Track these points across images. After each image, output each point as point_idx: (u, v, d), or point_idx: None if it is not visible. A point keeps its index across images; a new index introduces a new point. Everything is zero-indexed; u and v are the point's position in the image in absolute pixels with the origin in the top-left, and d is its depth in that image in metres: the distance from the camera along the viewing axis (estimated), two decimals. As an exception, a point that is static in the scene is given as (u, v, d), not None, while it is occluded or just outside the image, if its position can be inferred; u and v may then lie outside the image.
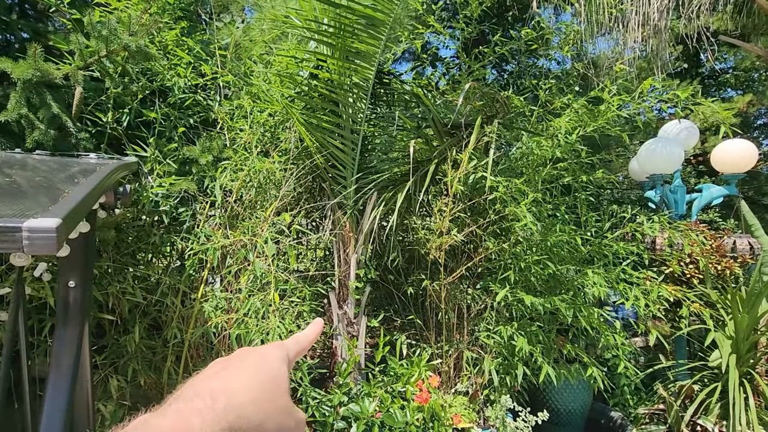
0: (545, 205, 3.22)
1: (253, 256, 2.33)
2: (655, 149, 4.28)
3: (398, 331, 3.51)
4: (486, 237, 3.24)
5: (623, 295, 3.12)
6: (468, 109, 3.25)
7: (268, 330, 2.16)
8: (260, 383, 0.41)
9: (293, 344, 0.50)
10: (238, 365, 0.43)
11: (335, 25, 2.97)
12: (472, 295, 3.50)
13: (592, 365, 3.18)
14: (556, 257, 3.23)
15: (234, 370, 0.41)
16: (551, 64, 4.66)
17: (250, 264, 2.30)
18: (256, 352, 0.45)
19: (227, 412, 0.36)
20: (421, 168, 3.34)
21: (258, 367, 0.43)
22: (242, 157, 2.70)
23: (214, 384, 0.39)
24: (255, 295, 2.29)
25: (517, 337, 3.10)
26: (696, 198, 4.49)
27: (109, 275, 2.30)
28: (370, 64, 3.18)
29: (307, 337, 0.53)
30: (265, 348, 0.47)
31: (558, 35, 3.82)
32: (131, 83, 2.67)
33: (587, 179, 3.11)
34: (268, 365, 0.44)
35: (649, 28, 4.02)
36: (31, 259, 1.19)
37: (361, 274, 3.15)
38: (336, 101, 3.21)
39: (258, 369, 0.43)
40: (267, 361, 0.44)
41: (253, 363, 0.43)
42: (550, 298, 3.06)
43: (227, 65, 3.06)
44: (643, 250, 3.42)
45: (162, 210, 2.47)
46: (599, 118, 2.92)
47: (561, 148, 2.96)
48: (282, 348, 0.47)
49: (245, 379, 0.40)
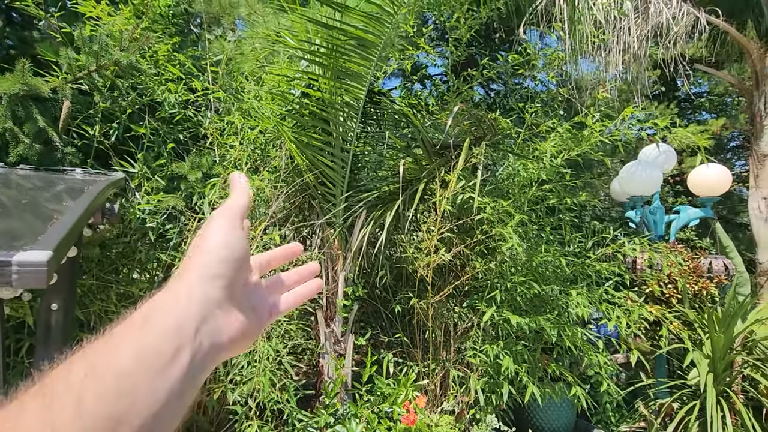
0: (531, 226, 3.28)
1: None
2: (635, 172, 4.43)
3: (385, 349, 3.50)
4: (473, 256, 3.28)
5: (606, 315, 3.19)
6: (456, 130, 3.32)
7: (254, 350, 2.13)
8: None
9: (233, 201, 0.46)
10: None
11: (327, 46, 3.02)
12: (458, 313, 3.52)
13: (575, 384, 3.22)
14: (541, 277, 3.29)
15: None
16: (536, 86, 4.79)
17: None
18: (197, 240, 0.44)
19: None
20: (410, 187, 3.38)
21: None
22: (231, 173, 2.69)
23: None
24: None
25: (503, 356, 3.12)
26: (674, 219, 4.64)
27: (92, 293, 2.24)
28: (361, 84, 3.23)
29: (242, 190, 0.48)
30: (205, 228, 0.44)
31: (543, 59, 3.95)
32: (120, 98, 2.65)
33: (571, 201, 3.19)
34: (212, 235, 0.43)
35: (630, 55, 4.18)
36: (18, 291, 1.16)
37: (349, 291, 3.14)
38: (327, 120, 3.24)
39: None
40: (209, 234, 0.43)
41: (195, 248, 0.42)
42: (535, 318, 3.10)
43: (218, 81, 3.06)
44: (624, 270, 3.51)
45: (149, 226, 2.43)
46: (583, 143, 3.02)
47: (546, 170, 3.04)
48: (222, 213, 0.45)
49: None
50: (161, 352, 0.33)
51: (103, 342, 0.33)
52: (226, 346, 0.39)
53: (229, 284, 0.41)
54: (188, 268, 0.40)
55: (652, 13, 3.87)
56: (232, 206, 0.46)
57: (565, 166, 3.13)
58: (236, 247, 0.42)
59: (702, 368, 3.53)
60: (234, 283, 0.42)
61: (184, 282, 0.39)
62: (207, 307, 0.38)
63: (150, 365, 0.32)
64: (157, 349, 0.33)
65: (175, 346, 0.34)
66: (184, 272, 0.40)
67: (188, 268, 0.40)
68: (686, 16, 4.04)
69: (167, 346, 0.34)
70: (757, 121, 4.65)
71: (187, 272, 0.40)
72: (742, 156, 10.69)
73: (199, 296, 0.38)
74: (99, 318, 2.20)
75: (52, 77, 2.48)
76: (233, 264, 0.42)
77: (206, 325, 0.37)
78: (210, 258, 0.40)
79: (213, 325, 0.38)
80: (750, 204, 4.68)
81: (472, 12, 3.51)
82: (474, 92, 3.93)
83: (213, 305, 0.39)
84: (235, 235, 0.43)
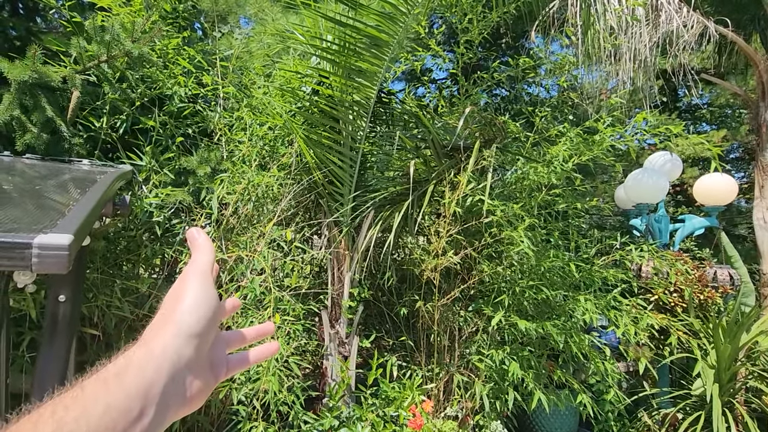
0: (539, 230, 3.25)
1: (249, 271, 2.26)
2: (641, 179, 4.42)
3: (389, 352, 3.45)
4: (480, 259, 3.25)
5: (614, 323, 3.16)
6: (466, 132, 3.29)
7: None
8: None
9: (198, 257, 0.48)
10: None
11: (340, 43, 2.99)
12: (464, 317, 3.49)
13: (582, 392, 3.18)
14: (549, 282, 3.26)
15: None
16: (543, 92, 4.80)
17: (246, 280, 2.23)
18: (167, 300, 0.45)
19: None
20: (418, 188, 3.35)
21: None
22: (240, 169, 2.65)
23: None
24: (250, 313, 2.22)
25: (508, 362, 3.09)
26: (679, 228, 4.63)
27: (96, 287, 2.19)
28: (372, 83, 3.20)
29: (203, 247, 0.49)
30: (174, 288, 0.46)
31: (551, 64, 3.94)
32: (130, 89, 2.61)
33: (582, 206, 3.17)
34: (183, 295, 0.44)
35: (638, 63, 4.18)
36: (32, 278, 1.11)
37: (355, 293, 3.10)
38: (336, 118, 3.21)
39: None
40: (180, 292, 0.44)
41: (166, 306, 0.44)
42: (542, 323, 3.07)
43: (228, 76, 3.03)
44: (631, 277, 3.49)
45: (155, 221, 2.38)
46: (594, 147, 3.00)
47: (557, 174, 3.02)
48: (192, 270, 0.46)
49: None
50: (128, 411, 0.34)
51: (72, 398, 0.33)
52: (186, 403, 0.41)
53: (202, 343, 0.42)
54: (164, 326, 0.41)
55: (663, 21, 3.88)
56: (201, 264, 0.47)
57: (576, 170, 3.11)
58: (211, 306, 0.44)
59: (708, 378, 3.51)
60: (206, 342, 0.43)
61: (160, 339, 0.40)
62: (177, 367, 0.39)
63: (116, 425, 0.33)
64: (125, 409, 0.34)
65: (141, 406, 0.35)
66: (159, 329, 0.41)
67: (164, 325, 0.41)
68: (696, 25, 4.05)
69: (134, 405, 0.35)
70: (762, 131, 4.66)
71: (163, 330, 0.41)
72: (742, 168, 10.75)
73: (172, 356, 0.39)
74: (102, 313, 2.15)
75: (60, 67, 2.43)
76: (208, 323, 0.43)
77: (173, 384, 0.39)
78: (187, 318, 0.42)
79: (179, 384, 0.40)
80: (755, 214, 4.67)
81: (484, 14, 3.50)
82: (481, 95, 3.91)
83: (183, 365, 0.40)
84: (209, 294, 0.44)
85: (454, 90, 4.14)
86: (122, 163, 2.45)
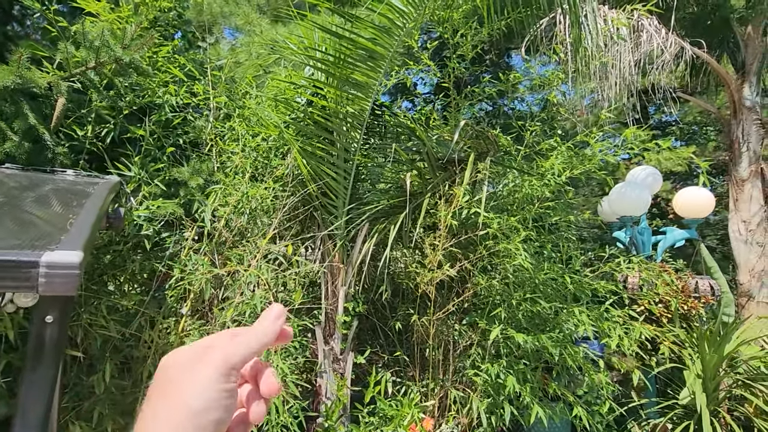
0: (532, 243, 3.27)
1: (246, 286, 2.17)
2: (624, 193, 4.54)
3: (383, 368, 3.37)
4: (475, 272, 3.23)
5: (607, 334, 3.19)
6: (460, 146, 3.31)
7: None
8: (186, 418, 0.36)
9: (243, 348, 0.39)
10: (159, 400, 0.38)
11: (335, 55, 2.97)
12: (458, 330, 3.45)
13: (577, 404, 3.18)
14: (543, 295, 3.27)
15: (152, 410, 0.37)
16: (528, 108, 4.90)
17: (243, 295, 2.13)
18: (183, 375, 0.38)
19: None
20: (413, 200, 3.33)
21: (183, 399, 0.37)
22: (233, 181, 2.57)
23: None
24: None
25: (504, 375, 3.06)
26: (661, 240, 4.77)
27: (79, 304, 2.05)
28: (367, 95, 3.19)
29: (266, 334, 0.41)
30: (196, 365, 0.38)
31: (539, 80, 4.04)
32: (118, 98, 2.50)
33: (574, 219, 3.21)
34: (196, 390, 0.37)
35: (622, 80, 4.33)
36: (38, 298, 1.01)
37: (350, 307, 3.03)
38: (330, 129, 3.17)
39: (183, 402, 0.37)
40: (195, 384, 0.37)
41: (176, 394, 0.37)
42: (537, 336, 3.07)
43: (219, 86, 2.95)
44: (621, 289, 3.54)
45: (144, 234, 2.27)
46: (586, 162, 3.06)
47: (550, 187, 3.06)
48: (221, 358, 0.38)
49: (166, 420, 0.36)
50: None
51: None
52: None
53: None
54: (160, 420, 0.36)
55: (644, 41, 4.04)
56: (234, 355, 0.39)
57: (569, 183, 3.16)
58: (220, 410, 0.37)
59: (696, 387, 3.57)
60: None
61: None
62: None
63: None
64: None
65: None
66: (154, 420, 0.36)
67: (161, 418, 0.36)
68: (673, 46, 4.23)
69: None
70: (735, 147, 4.88)
71: (159, 425, 0.36)
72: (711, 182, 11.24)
73: None
74: (86, 332, 2.01)
75: (42, 72, 2.32)
76: (213, 428, 0.37)
77: None
78: (189, 423, 0.36)
79: None
80: (730, 227, 4.86)
81: (476, 30, 3.56)
82: (472, 110, 3.96)
83: None
84: (223, 395, 0.37)
85: (445, 103, 4.18)
86: (108, 173, 2.34)
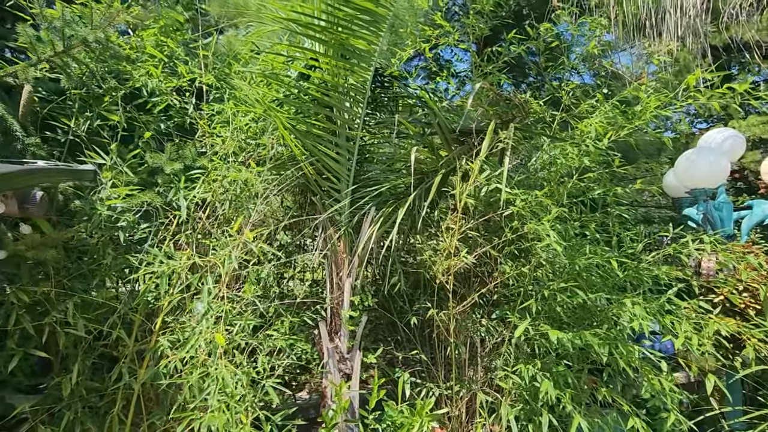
0: (571, 223, 2.75)
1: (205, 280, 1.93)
2: (695, 160, 3.78)
3: (401, 368, 3.03)
4: (502, 259, 2.78)
5: (670, 330, 2.60)
6: (479, 113, 2.85)
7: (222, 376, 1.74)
8: None
9: None
10: None
11: (327, 19, 2.65)
12: (486, 326, 3.02)
13: (633, 414, 2.63)
14: (586, 283, 2.74)
15: None
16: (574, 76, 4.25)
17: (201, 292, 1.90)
18: None
19: None
20: (425, 180, 2.94)
21: None
22: (217, 165, 2.35)
23: None
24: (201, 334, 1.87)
25: (540, 379, 2.60)
26: (745, 216, 3.94)
27: (49, 302, 1.93)
28: (367, 63, 2.84)
29: None
30: None
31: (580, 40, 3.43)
32: (97, 85, 2.37)
33: (623, 191, 2.64)
34: None
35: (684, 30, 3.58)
36: None
37: (357, 301, 2.72)
38: (329, 105, 2.86)
39: None
40: None
41: None
42: (580, 333, 2.56)
43: (209, 66, 2.75)
44: (689, 275, 2.89)
45: (120, 226, 2.12)
46: (635, 119, 2.47)
47: (590, 155, 2.52)
48: None
49: None
50: None
51: None
52: None
53: None
54: None
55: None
56: None
57: (613, 149, 2.59)
58: None
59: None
60: None
61: None
62: None
63: None
64: None
65: None
66: None
67: None
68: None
69: None
70: None
71: None
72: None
73: None
74: (52, 333, 1.89)
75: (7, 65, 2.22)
76: None
77: None
78: None
79: None
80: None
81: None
82: (501, 76, 3.44)
83: None
84: None
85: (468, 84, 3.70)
86: (83, 163, 2.21)
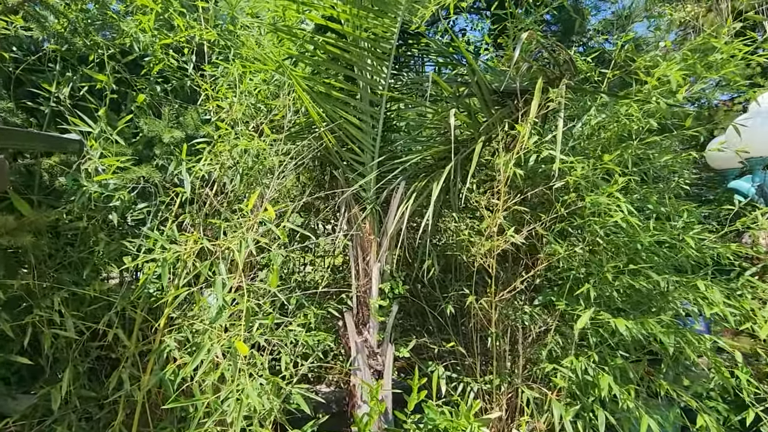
0: (631, 195, 2.40)
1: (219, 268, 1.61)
2: (753, 124, 3.38)
3: (434, 361, 2.73)
4: (551, 238, 2.44)
5: (751, 316, 2.26)
6: (523, 69, 2.47)
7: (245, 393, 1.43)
8: None
9: None
10: None
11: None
12: (529, 313, 2.70)
13: (701, 411, 2.32)
14: (648, 264, 2.40)
15: None
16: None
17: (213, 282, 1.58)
18: None
19: None
20: (461, 149, 2.57)
21: None
22: (224, 133, 2.00)
23: None
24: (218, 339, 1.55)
25: (597, 373, 2.29)
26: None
27: (34, 296, 1.62)
28: (394, 11, 2.44)
29: None
30: None
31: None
32: (78, 38, 2.00)
33: (697, 156, 2.26)
34: None
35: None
36: None
37: (386, 289, 2.39)
38: (350, 64, 2.48)
39: None
40: None
41: None
42: (643, 320, 2.24)
43: (209, 20, 2.37)
44: (764, 253, 2.54)
45: (112, 206, 1.78)
46: (722, 65, 2.08)
47: (660, 113, 2.14)
48: None
49: None
50: None
51: None
52: None
53: None
54: None
55: None
56: None
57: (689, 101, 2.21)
58: None
59: None
60: None
61: None
62: None
63: None
64: None
65: None
66: None
67: None
68: None
69: None
70: None
71: None
72: None
73: None
74: (35, 334, 1.58)
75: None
76: None
77: None
78: None
79: None
80: None
81: None
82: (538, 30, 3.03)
83: None
84: None
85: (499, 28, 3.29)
86: (67, 133, 1.85)
